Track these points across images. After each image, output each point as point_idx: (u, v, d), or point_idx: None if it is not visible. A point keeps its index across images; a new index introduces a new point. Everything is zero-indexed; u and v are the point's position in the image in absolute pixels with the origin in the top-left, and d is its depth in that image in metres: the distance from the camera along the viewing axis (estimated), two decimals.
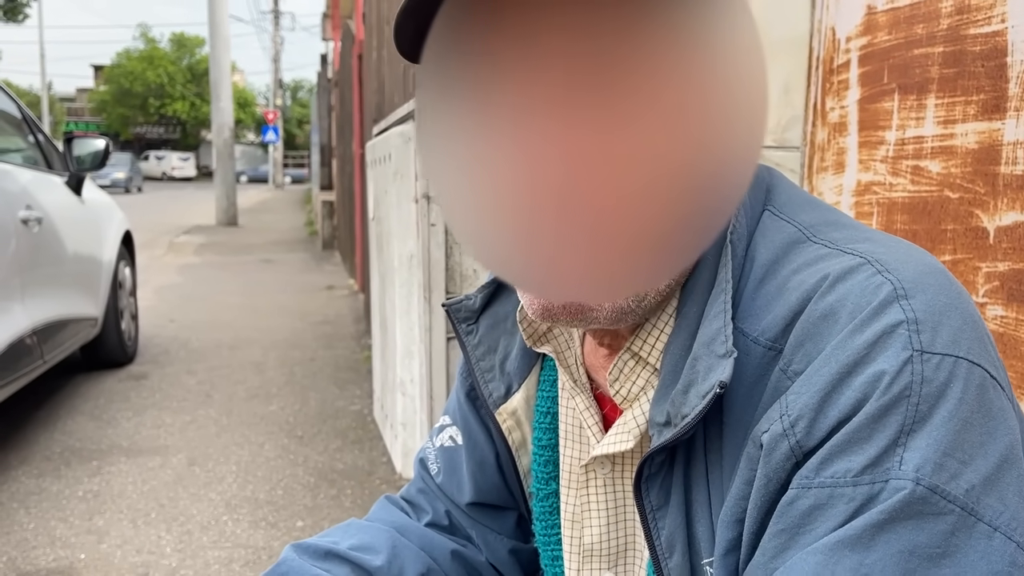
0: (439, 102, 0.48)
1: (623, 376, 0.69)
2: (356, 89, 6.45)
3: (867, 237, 0.62)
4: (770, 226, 0.65)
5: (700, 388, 0.58)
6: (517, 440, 0.84)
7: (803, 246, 0.62)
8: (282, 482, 3.02)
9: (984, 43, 0.98)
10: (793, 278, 0.59)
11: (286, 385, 4.33)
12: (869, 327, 0.53)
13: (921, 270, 0.56)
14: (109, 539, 2.56)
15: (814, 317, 0.56)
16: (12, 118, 3.89)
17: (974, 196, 1.00)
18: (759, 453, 0.56)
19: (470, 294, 0.86)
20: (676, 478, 0.64)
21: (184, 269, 9.13)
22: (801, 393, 0.54)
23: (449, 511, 0.92)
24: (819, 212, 0.66)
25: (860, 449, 0.51)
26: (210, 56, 14.63)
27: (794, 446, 0.53)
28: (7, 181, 3.32)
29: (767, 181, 0.69)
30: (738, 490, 0.58)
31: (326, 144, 12.18)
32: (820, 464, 0.52)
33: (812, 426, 0.53)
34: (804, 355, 0.56)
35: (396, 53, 2.96)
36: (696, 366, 0.59)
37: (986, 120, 0.98)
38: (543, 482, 0.81)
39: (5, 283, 3.13)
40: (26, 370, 3.29)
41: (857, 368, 0.52)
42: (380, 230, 2.38)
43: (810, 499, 0.52)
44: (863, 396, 0.51)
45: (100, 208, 4.57)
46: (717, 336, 0.58)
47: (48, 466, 3.16)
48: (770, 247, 0.63)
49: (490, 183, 0.48)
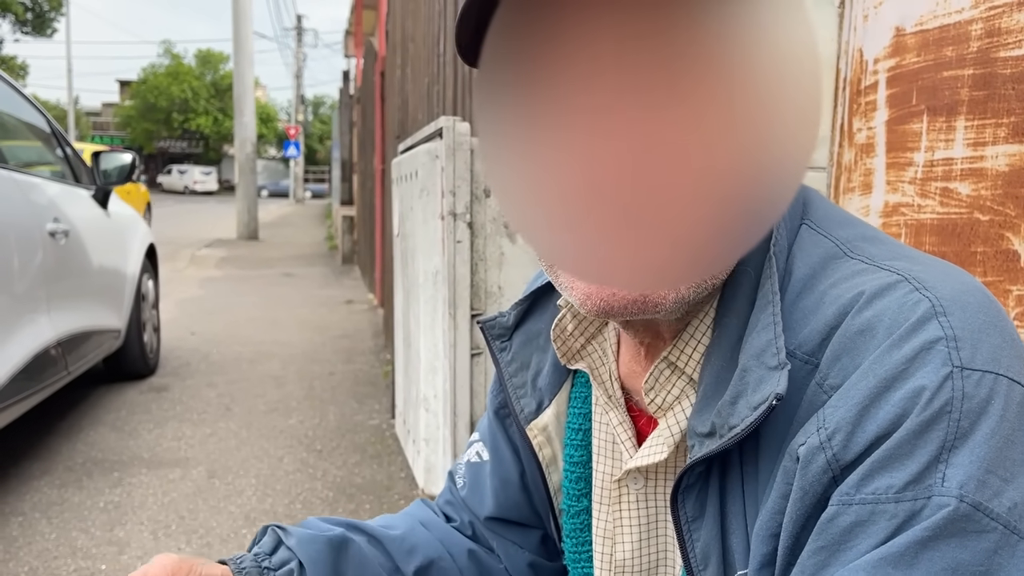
0: (499, 102, 0.49)
1: (659, 385, 0.69)
2: (378, 105, 6.50)
3: (905, 255, 0.62)
4: (808, 240, 0.65)
5: (750, 399, 0.58)
6: (547, 456, 0.84)
7: (840, 261, 0.62)
8: (301, 496, 3.03)
9: (1015, 66, 0.97)
10: (830, 292, 0.60)
11: (305, 399, 4.35)
12: (907, 342, 0.53)
13: (959, 288, 0.56)
14: (130, 550, 2.57)
15: (851, 332, 0.56)
16: (41, 132, 3.95)
17: (1004, 219, 0.99)
18: (795, 466, 0.56)
19: (504, 311, 0.87)
20: (712, 490, 0.64)
21: (205, 282, 9.20)
22: (838, 407, 0.54)
23: (472, 522, 0.93)
24: (856, 228, 0.66)
25: (901, 465, 0.50)
26: (234, 72, 14.80)
27: (831, 459, 0.53)
28: (35, 194, 3.36)
29: (803, 196, 0.69)
30: (774, 504, 0.57)
31: (347, 159, 12.28)
32: (861, 480, 0.52)
33: (849, 439, 0.53)
34: (840, 369, 0.56)
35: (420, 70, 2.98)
36: (745, 378, 0.59)
37: (1017, 143, 0.97)
38: (574, 499, 0.82)
39: (31, 294, 3.17)
40: (51, 381, 3.32)
41: (896, 383, 0.52)
42: (405, 246, 2.39)
43: (851, 516, 0.51)
44: (903, 411, 0.51)
45: (125, 221, 4.62)
46: (767, 348, 0.58)
47: (70, 477, 3.18)
48: (808, 261, 0.63)
49: (552, 180, 0.49)
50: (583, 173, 0.48)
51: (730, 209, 0.47)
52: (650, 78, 0.47)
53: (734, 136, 0.46)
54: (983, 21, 1.02)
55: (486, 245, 1.89)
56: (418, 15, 3.80)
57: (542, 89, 0.49)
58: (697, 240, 0.48)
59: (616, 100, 0.47)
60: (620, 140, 0.47)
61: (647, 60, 0.46)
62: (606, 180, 0.48)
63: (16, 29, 29.49)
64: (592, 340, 0.79)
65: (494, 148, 0.50)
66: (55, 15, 30.04)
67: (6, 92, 3.63)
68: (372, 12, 10.16)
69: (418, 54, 3.77)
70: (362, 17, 11.46)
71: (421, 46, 3.70)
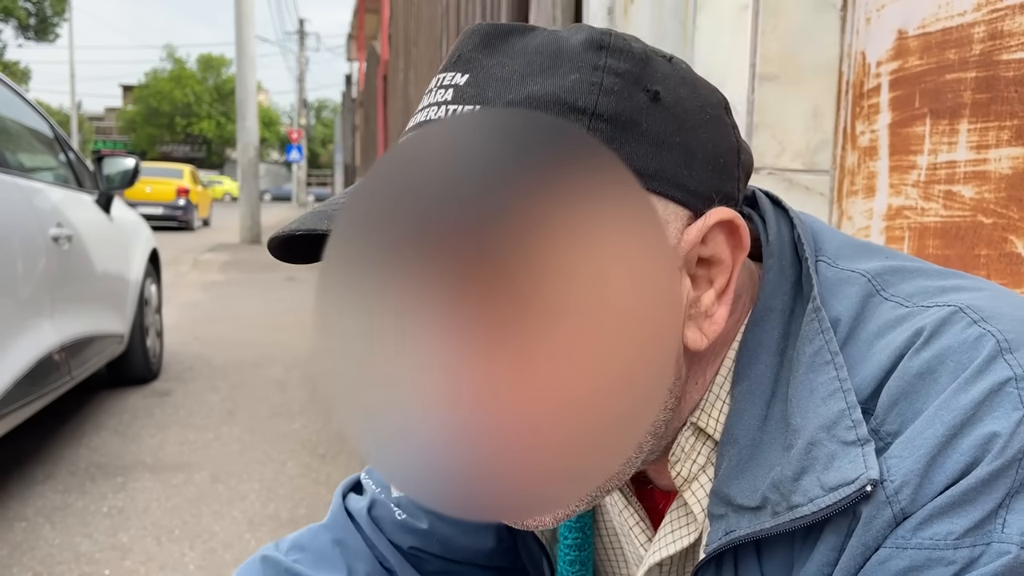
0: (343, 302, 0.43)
1: (684, 454, 0.62)
2: (380, 109, 6.51)
3: (939, 288, 0.58)
4: (834, 280, 0.60)
5: (824, 478, 0.52)
6: (547, 535, 0.78)
7: (876, 302, 0.58)
8: (304, 500, 3.03)
9: (1018, 69, 0.97)
10: (877, 342, 0.56)
11: (309, 403, 4.35)
12: (975, 385, 0.50)
13: (1019, 316, 0.53)
14: (133, 555, 2.57)
15: (910, 375, 0.52)
16: (44, 137, 3.96)
17: (1008, 222, 0.99)
18: (851, 523, 0.52)
19: None
20: (726, 566, 0.59)
21: (208, 286, 9.21)
22: (904, 457, 0.50)
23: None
24: (875, 256, 0.62)
25: (964, 512, 0.48)
26: (236, 76, 14.82)
27: (897, 514, 0.50)
28: (39, 199, 3.37)
29: (810, 229, 0.64)
30: (823, 556, 0.53)
31: (350, 163, 12.29)
32: (919, 525, 0.49)
33: (918, 492, 0.49)
34: (898, 414, 0.52)
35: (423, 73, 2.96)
36: (813, 452, 0.53)
37: (1020, 145, 0.97)
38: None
39: (35, 299, 3.17)
40: (54, 386, 3.33)
41: (965, 429, 0.49)
42: None
43: (905, 560, 0.49)
44: (973, 459, 0.48)
45: (128, 226, 4.63)
46: (840, 420, 0.53)
47: (73, 481, 3.18)
48: (846, 303, 0.58)
49: (398, 403, 0.45)
50: (427, 400, 0.44)
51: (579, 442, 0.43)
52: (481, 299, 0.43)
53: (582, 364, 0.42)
54: (986, 24, 1.02)
55: None
56: (420, 18, 3.80)
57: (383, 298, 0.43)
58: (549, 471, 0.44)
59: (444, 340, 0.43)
60: (459, 366, 0.44)
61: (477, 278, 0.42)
62: (446, 405, 0.44)
63: (19, 35, 29.56)
64: None
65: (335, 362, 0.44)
66: (58, 20, 30.11)
67: (9, 97, 3.64)
68: (374, 16, 10.18)
69: (421, 57, 3.78)
70: (364, 21, 11.48)
71: (424, 50, 3.70)
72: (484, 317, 0.43)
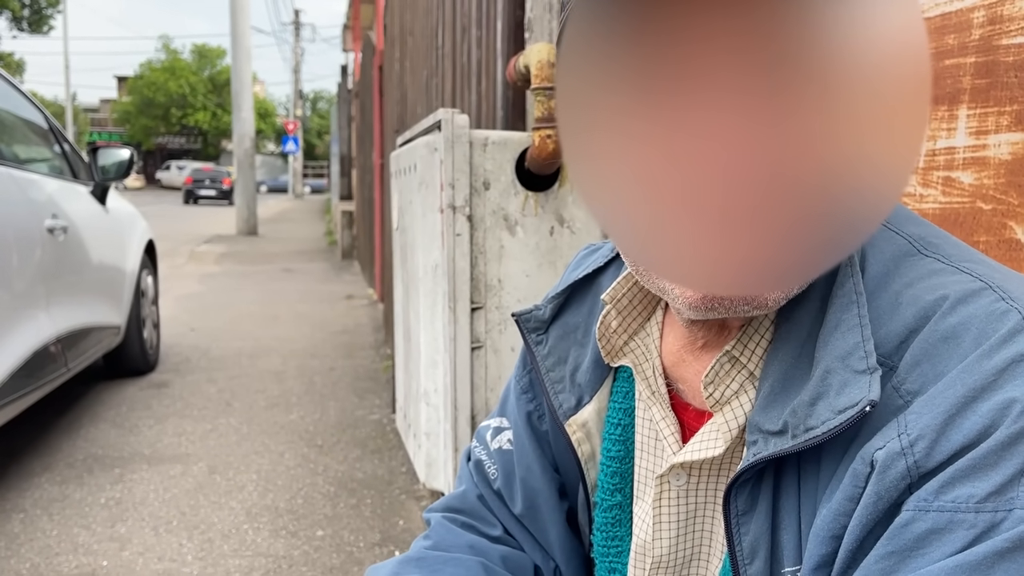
0: (590, 100, 0.48)
1: (718, 379, 0.67)
2: (376, 100, 6.49)
3: (978, 259, 0.61)
4: (879, 236, 0.63)
5: (834, 403, 0.57)
6: (586, 452, 0.81)
7: (915, 259, 0.61)
8: (302, 491, 3.03)
9: (1017, 54, 0.97)
10: (906, 292, 0.59)
11: (306, 394, 4.35)
12: (998, 353, 0.52)
13: None
14: (131, 546, 2.57)
15: (935, 338, 0.55)
16: (39, 128, 3.94)
17: (1007, 207, 0.99)
18: (867, 470, 0.54)
19: (539, 304, 0.84)
20: (765, 485, 0.63)
21: (205, 278, 9.20)
22: (923, 413, 0.53)
23: (506, 519, 0.89)
24: (926, 227, 0.65)
25: (985, 476, 0.50)
26: (231, 67, 14.77)
27: (911, 466, 0.52)
28: (34, 190, 3.36)
29: None
30: (839, 505, 0.56)
31: (346, 154, 12.25)
32: (940, 488, 0.51)
33: (933, 447, 0.52)
34: (920, 375, 0.55)
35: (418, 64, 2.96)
36: (828, 379, 0.58)
37: (1020, 131, 0.97)
38: (608, 493, 0.80)
39: (30, 291, 3.16)
40: (50, 378, 3.32)
41: (984, 394, 0.51)
42: (404, 240, 2.38)
43: (927, 522, 0.51)
44: (991, 423, 0.50)
45: (124, 217, 4.61)
46: (855, 350, 0.57)
47: (71, 473, 3.18)
48: (880, 258, 0.62)
49: (650, 181, 0.48)
50: (686, 174, 0.47)
51: (835, 211, 0.46)
52: (758, 79, 0.45)
53: (841, 137, 0.45)
54: (985, 9, 1.01)
55: (486, 238, 1.88)
56: (416, 8, 3.79)
57: (643, 86, 0.47)
58: (805, 241, 0.47)
59: (723, 100, 0.46)
60: (726, 140, 0.46)
61: (757, 61, 0.45)
62: (711, 182, 0.47)
63: (13, 27, 29.39)
64: (635, 336, 0.77)
65: (582, 146, 0.48)
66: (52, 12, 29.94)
67: (3, 89, 3.62)
68: (370, 6, 10.13)
69: (416, 47, 3.76)
70: (360, 11, 11.43)
71: (419, 39, 3.68)
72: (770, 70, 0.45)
